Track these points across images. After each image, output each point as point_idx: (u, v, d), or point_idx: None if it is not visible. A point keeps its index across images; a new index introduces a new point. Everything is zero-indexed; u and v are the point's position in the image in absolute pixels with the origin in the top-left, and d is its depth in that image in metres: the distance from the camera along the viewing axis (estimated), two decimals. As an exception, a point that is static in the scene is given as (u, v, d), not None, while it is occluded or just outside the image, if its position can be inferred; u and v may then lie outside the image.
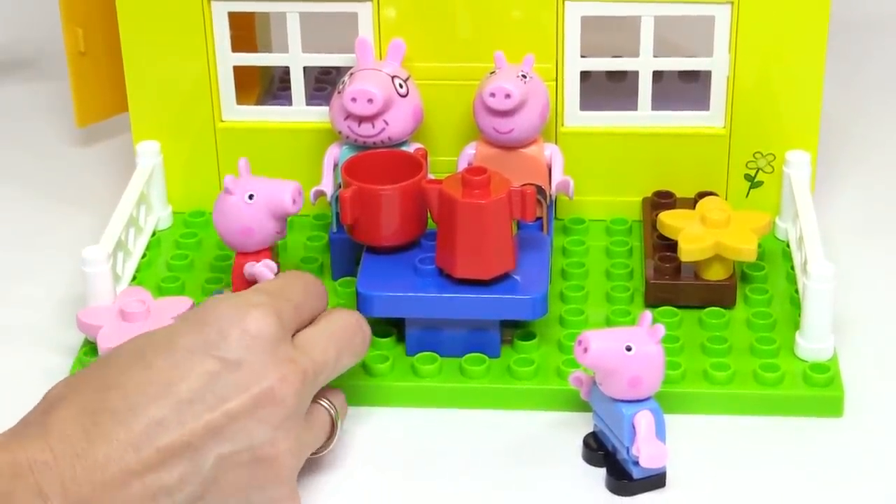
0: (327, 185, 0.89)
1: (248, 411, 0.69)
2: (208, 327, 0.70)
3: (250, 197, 0.81)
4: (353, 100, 0.86)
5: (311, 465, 0.76)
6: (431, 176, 0.85)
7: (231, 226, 0.81)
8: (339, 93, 0.87)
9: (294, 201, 0.81)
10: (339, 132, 0.88)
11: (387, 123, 0.87)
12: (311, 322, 0.76)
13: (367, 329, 0.77)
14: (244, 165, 0.81)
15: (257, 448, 0.70)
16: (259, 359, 0.70)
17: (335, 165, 0.89)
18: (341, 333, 0.75)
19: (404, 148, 0.88)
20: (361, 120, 0.87)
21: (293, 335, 0.74)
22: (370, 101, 0.86)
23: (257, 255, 0.82)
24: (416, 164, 0.84)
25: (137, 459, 0.66)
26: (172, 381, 0.68)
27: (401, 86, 0.87)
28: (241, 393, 0.69)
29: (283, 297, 0.74)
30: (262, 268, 0.80)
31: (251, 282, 0.81)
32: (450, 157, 0.91)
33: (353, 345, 0.76)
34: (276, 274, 0.80)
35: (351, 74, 0.88)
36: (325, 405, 0.75)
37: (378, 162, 0.85)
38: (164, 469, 0.67)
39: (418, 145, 0.89)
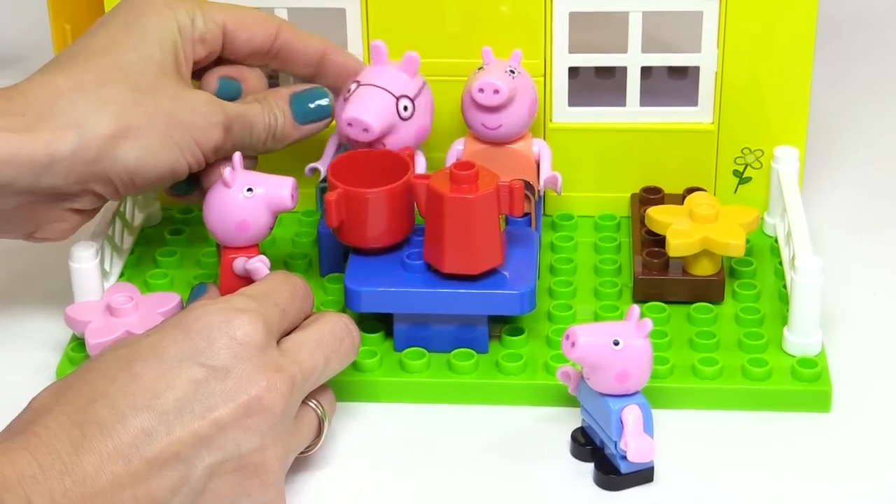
0: (324, 164, 0.89)
1: (236, 420, 0.69)
2: (195, 335, 0.70)
3: (249, 190, 0.81)
4: (349, 125, 0.85)
5: (300, 462, 0.76)
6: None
7: (227, 219, 0.81)
8: (344, 100, 0.86)
9: (292, 197, 0.81)
10: (344, 136, 0.87)
11: (384, 145, 0.86)
12: (298, 325, 0.76)
13: (355, 333, 0.77)
14: (238, 159, 0.81)
15: (245, 456, 0.70)
16: (246, 366, 0.70)
17: (339, 147, 0.89)
18: (329, 338, 0.75)
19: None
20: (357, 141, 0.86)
21: (281, 340, 0.73)
22: (365, 130, 0.84)
23: (247, 250, 0.82)
24: (403, 164, 0.83)
25: (126, 471, 0.66)
26: (159, 390, 0.68)
27: (405, 108, 0.86)
28: (228, 401, 0.69)
29: (270, 302, 0.74)
30: (259, 263, 0.80)
31: (241, 277, 0.81)
32: (438, 154, 0.91)
33: (342, 349, 0.76)
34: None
35: (357, 83, 0.86)
36: (313, 405, 0.75)
37: (365, 162, 0.84)
38: (153, 480, 0.66)
39: (420, 156, 0.88)
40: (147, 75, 0.81)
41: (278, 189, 0.81)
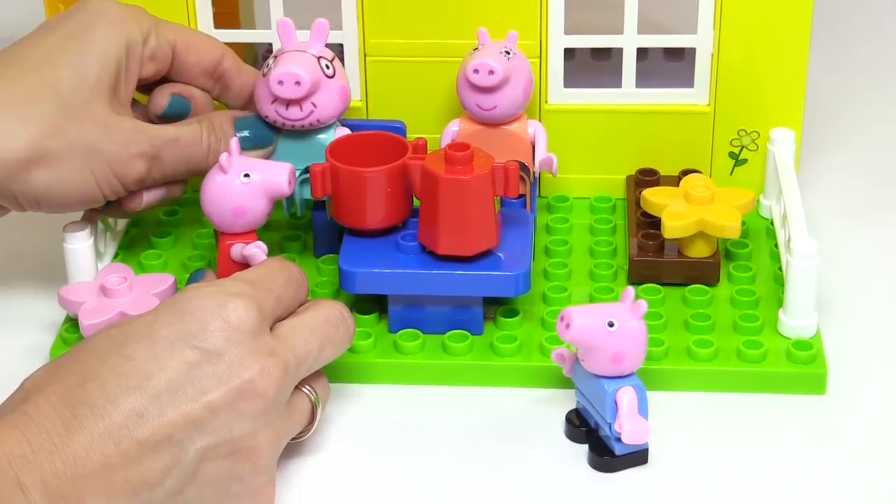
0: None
1: (228, 404, 0.69)
2: (188, 317, 0.70)
3: (245, 176, 0.80)
4: (280, 83, 0.83)
5: (294, 444, 0.76)
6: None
7: (223, 205, 0.80)
8: (263, 76, 0.85)
9: (289, 182, 0.81)
10: (266, 116, 0.86)
11: (315, 106, 0.85)
12: (292, 312, 0.75)
13: (350, 321, 0.77)
14: (235, 144, 0.81)
15: (237, 440, 0.69)
16: (239, 350, 0.70)
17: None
18: (324, 325, 0.75)
19: (332, 130, 0.87)
20: (289, 103, 0.85)
21: (274, 325, 0.73)
22: (297, 83, 0.83)
23: (244, 236, 0.81)
24: (401, 147, 0.83)
25: (117, 452, 0.65)
26: (152, 372, 0.68)
27: (327, 66, 0.85)
28: (221, 385, 0.69)
29: (265, 288, 0.73)
30: (256, 249, 0.79)
31: (239, 263, 0.80)
32: (433, 135, 0.91)
33: (336, 336, 0.75)
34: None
35: (275, 57, 0.85)
36: (306, 391, 0.75)
37: (363, 144, 0.84)
38: (144, 461, 0.66)
39: (345, 130, 0.87)
40: (77, 96, 0.81)
41: (275, 175, 0.80)
